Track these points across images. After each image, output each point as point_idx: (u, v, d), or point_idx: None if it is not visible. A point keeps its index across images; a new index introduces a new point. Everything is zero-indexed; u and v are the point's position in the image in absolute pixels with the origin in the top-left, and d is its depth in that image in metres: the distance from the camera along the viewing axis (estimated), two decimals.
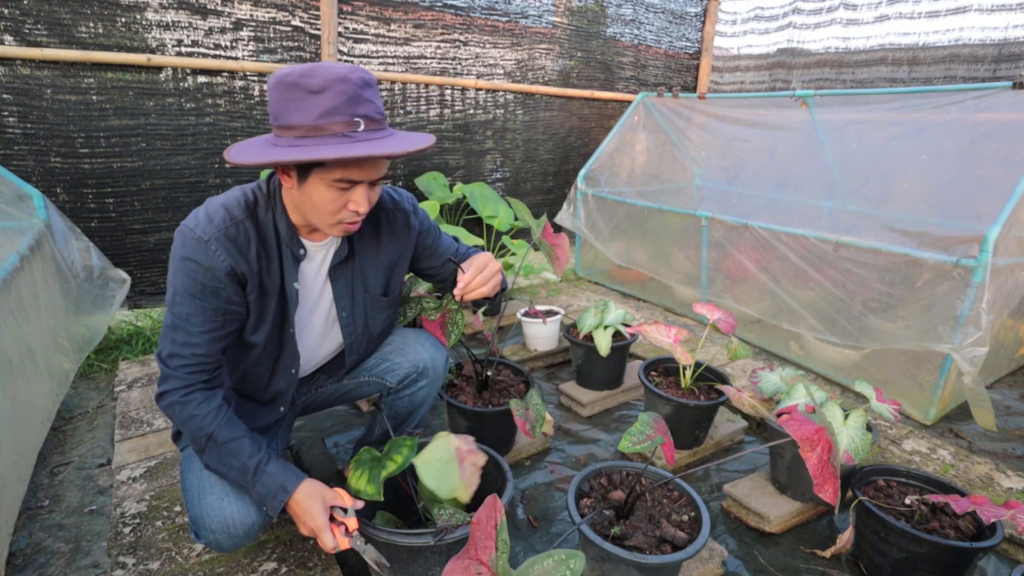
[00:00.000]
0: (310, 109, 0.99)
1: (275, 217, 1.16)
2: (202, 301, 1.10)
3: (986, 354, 1.90)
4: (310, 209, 1.10)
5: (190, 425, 1.12)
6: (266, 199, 1.17)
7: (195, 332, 1.11)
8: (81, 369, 2.36)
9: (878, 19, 4.52)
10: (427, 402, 1.55)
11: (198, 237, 1.07)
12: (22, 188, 2.23)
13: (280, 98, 1.01)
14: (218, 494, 1.17)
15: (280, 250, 1.18)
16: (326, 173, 1.03)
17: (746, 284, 2.80)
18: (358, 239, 1.30)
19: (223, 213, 1.10)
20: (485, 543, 0.93)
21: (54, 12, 2.41)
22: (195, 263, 1.07)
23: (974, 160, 2.31)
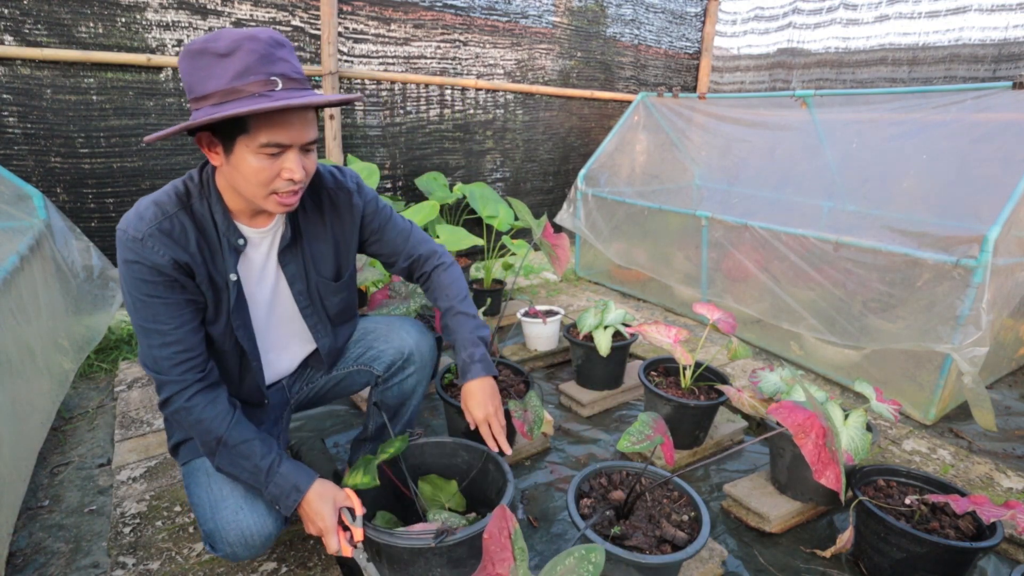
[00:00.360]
0: (221, 73, 0.95)
1: (211, 206, 1.12)
2: (161, 298, 1.07)
3: (986, 354, 1.90)
4: (242, 183, 1.04)
5: (198, 429, 1.11)
6: (199, 189, 1.12)
7: (167, 330, 1.09)
8: (81, 369, 2.36)
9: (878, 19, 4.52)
10: (418, 391, 1.51)
11: (132, 237, 1.04)
12: (22, 188, 2.23)
13: (190, 69, 0.97)
14: (232, 508, 1.15)
15: (220, 240, 1.13)
16: (251, 139, 0.98)
17: (746, 284, 2.80)
18: (303, 220, 1.25)
19: (154, 209, 1.07)
20: (501, 555, 0.92)
21: (54, 12, 2.41)
22: (138, 264, 1.04)
23: (974, 160, 2.31)
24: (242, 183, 1.05)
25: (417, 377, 1.49)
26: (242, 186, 1.05)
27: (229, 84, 0.95)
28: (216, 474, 1.20)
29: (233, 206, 1.13)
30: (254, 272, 1.22)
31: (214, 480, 1.19)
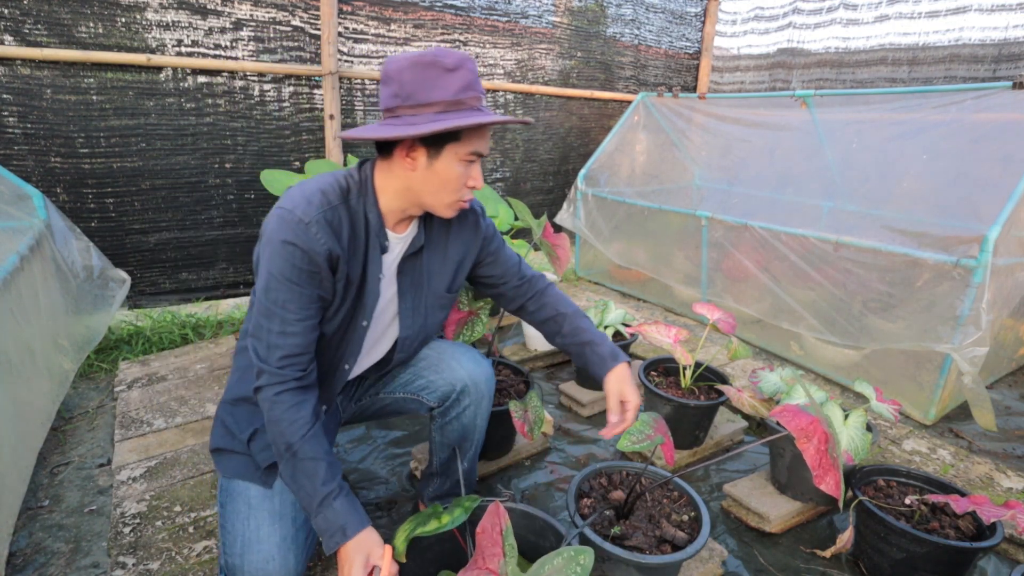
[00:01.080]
0: (448, 85, 1.04)
1: (366, 206, 1.15)
2: (300, 287, 1.07)
3: (986, 354, 1.90)
4: (436, 187, 1.11)
5: (275, 428, 1.08)
6: (358, 187, 1.15)
7: (291, 320, 1.07)
8: (81, 369, 2.36)
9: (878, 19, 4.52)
10: (478, 424, 1.44)
11: (299, 219, 1.04)
12: (22, 188, 2.23)
13: (415, 78, 1.04)
14: (264, 554, 1.11)
15: (367, 240, 1.16)
16: (460, 147, 1.08)
17: (746, 284, 2.80)
18: (432, 232, 1.28)
19: (320, 197, 1.09)
20: (492, 551, 0.92)
21: (54, 12, 2.41)
22: (295, 246, 1.04)
23: (974, 160, 2.31)
24: (436, 187, 1.11)
25: (474, 410, 1.41)
26: (434, 190, 1.12)
27: (455, 96, 1.05)
28: (258, 508, 1.16)
29: (387, 207, 1.16)
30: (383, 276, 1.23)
31: (254, 515, 1.15)
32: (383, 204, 1.16)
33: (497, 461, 1.82)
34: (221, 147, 2.86)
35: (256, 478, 1.19)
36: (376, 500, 1.68)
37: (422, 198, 1.14)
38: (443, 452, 1.47)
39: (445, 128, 1.02)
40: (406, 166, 1.10)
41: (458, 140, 1.07)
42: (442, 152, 1.08)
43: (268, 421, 1.09)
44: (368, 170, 1.17)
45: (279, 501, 1.17)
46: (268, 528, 1.14)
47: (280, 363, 1.08)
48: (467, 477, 1.50)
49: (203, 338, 2.73)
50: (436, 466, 1.50)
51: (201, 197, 2.87)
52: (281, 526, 1.15)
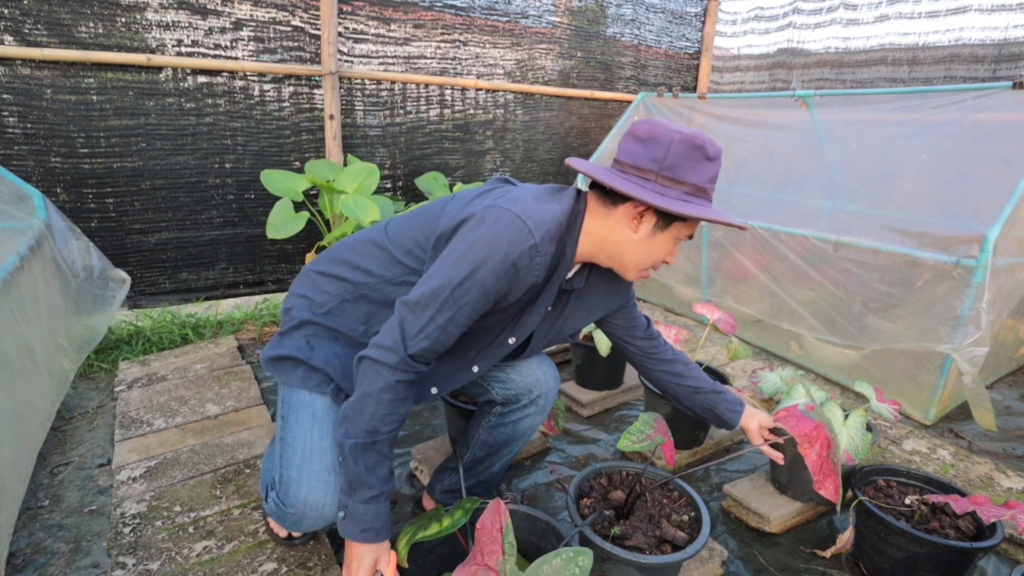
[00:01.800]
0: (703, 172, 1.07)
1: (566, 243, 1.14)
2: (488, 300, 1.05)
3: (986, 354, 1.90)
4: (643, 255, 1.12)
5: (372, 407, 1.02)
6: (573, 224, 1.14)
7: (459, 323, 1.05)
8: (81, 369, 2.36)
9: (878, 19, 4.52)
10: (527, 435, 1.45)
11: (535, 244, 1.02)
12: (22, 188, 2.23)
13: (682, 155, 1.05)
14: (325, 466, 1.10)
15: (555, 270, 1.16)
16: (684, 228, 1.11)
17: (746, 284, 2.80)
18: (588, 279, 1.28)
19: (556, 228, 1.07)
20: (491, 547, 0.92)
21: (54, 12, 2.41)
22: (514, 269, 1.02)
23: (974, 160, 2.31)
24: (641, 254, 1.12)
25: (534, 420, 1.43)
26: (639, 255, 1.13)
27: (704, 184, 1.08)
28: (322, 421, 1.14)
29: (580, 250, 1.16)
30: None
31: (319, 426, 1.14)
32: (581, 243, 1.15)
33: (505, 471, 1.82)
34: (221, 147, 2.86)
35: (327, 390, 1.18)
36: None
37: (623, 258, 1.14)
38: (481, 451, 1.46)
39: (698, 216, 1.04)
40: (628, 225, 1.10)
41: (684, 221, 1.10)
42: (669, 228, 1.10)
43: (368, 395, 1.02)
44: (583, 204, 1.15)
45: None
46: (332, 440, 1.13)
47: (419, 355, 1.04)
48: (492, 479, 1.51)
49: (203, 338, 2.73)
50: (467, 461, 1.48)
51: (201, 197, 2.87)
52: None
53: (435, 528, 1.10)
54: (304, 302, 1.27)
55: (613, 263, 1.17)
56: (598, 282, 1.31)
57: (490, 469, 1.48)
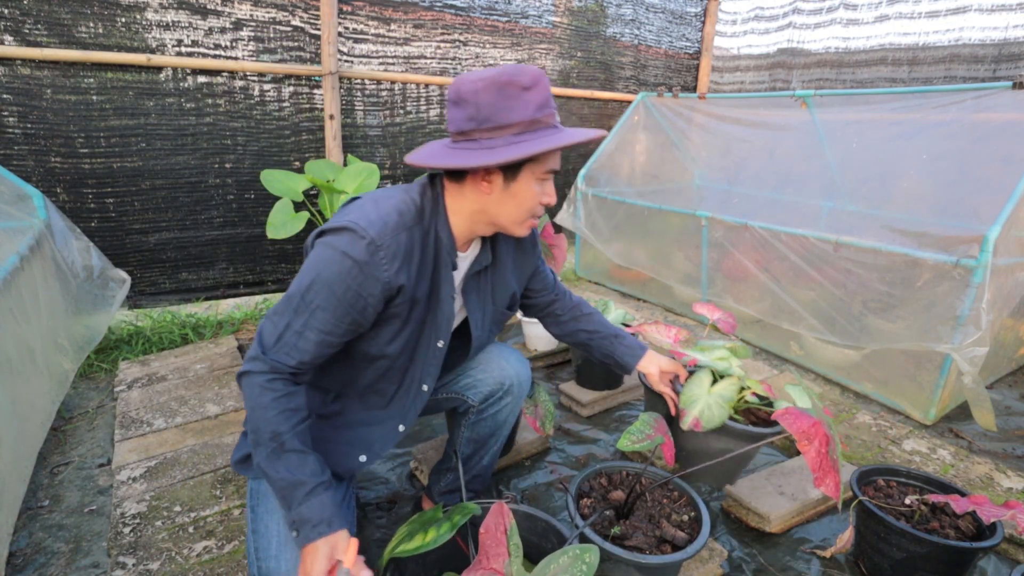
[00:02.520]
0: (526, 105, 1.02)
1: (437, 225, 1.12)
2: (340, 304, 1.02)
3: (986, 354, 1.90)
4: (511, 209, 1.10)
5: (261, 414, 1.01)
6: (432, 205, 1.12)
7: (314, 328, 1.02)
8: (81, 369, 2.36)
9: (878, 19, 4.52)
10: (509, 422, 1.46)
11: (372, 240, 1.00)
12: (22, 188, 2.23)
13: (495, 99, 1.01)
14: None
15: (437, 259, 1.13)
16: (538, 166, 1.07)
17: (746, 284, 2.80)
18: (498, 250, 1.28)
19: (397, 218, 1.05)
20: (496, 550, 0.92)
21: (54, 12, 2.41)
22: (357, 267, 1.00)
23: (974, 160, 2.31)
24: (511, 209, 1.10)
25: (511, 408, 1.43)
26: (509, 211, 1.10)
27: (533, 115, 1.02)
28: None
29: (457, 229, 1.14)
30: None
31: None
32: (453, 224, 1.14)
33: (497, 461, 1.82)
34: (221, 147, 2.86)
35: None
36: (376, 500, 1.68)
37: (497, 219, 1.12)
38: (468, 448, 1.46)
39: (528, 155, 0.99)
40: (481, 190, 1.08)
41: (535, 160, 1.06)
42: (519, 174, 1.07)
43: (254, 407, 1.01)
44: (439, 187, 1.14)
45: None
46: None
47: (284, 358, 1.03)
48: (484, 472, 1.51)
49: (203, 338, 2.73)
50: (455, 462, 1.48)
51: (201, 197, 2.87)
52: None
53: (418, 541, 1.06)
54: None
55: (494, 227, 1.15)
56: (506, 249, 1.30)
57: (480, 463, 1.48)
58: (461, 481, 1.31)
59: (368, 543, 1.51)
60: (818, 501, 1.65)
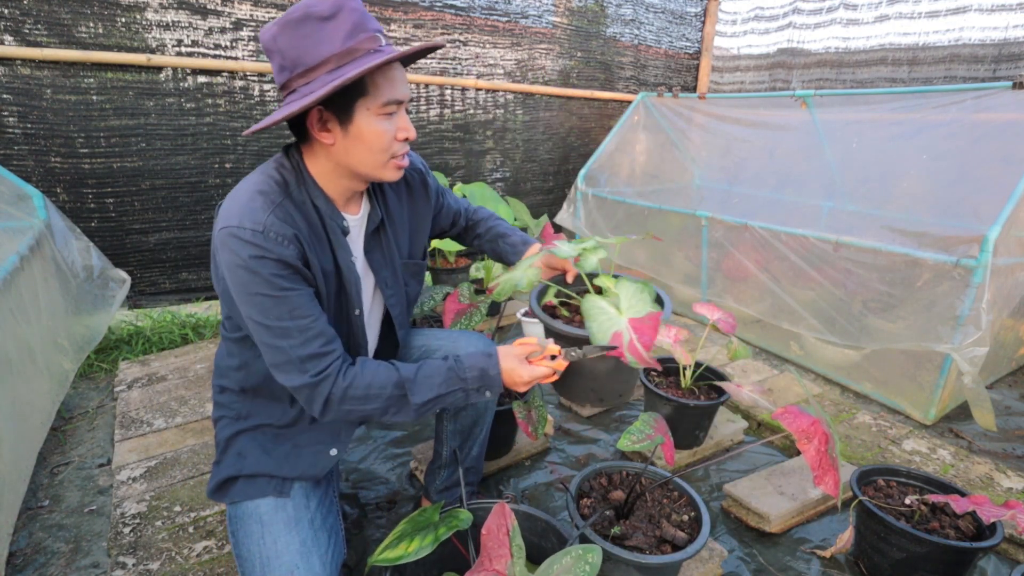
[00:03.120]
0: (333, 35, 0.92)
1: (309, 193, 1.05)
2: (297, 289, 0.98)
3: (986, 354, 1.90)
4: (363, 154, 1.01)
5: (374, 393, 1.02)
6: (295, 176, 1.05)
7: (308, 324, 0.99)
8: (81, 369, 2.36)
9: (878, 19, 4.52)
10: (490, 407, 1.45)
11: (252, 230, 0.94)
12: (22, 188, 2.23)
13: (294, 39, 0.93)
14: (286, 566, 1.04)
15: (325, 227, 1.07)
16: (372, 100, 0.97)
17: (746, 284, 2.80)
18: (385, 203, 1.22)
19: (261, 199, 0.98)
20: (499, 551, 0.92)
21: (54, 12, 2.41)
22: (265, 259, 0.95)
23: (974, 160, 2.31)
24: (363, 154, 1.01)
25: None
26: (363, 157, 1.01)
27: (344, 44, 0.92)
28: (271, 523, 1.10)
29: (332, 191, 1.08)
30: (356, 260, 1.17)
31: (268, 530, 1.09)
32: (326, 188, 1.08)
33: (497, 461, 1.82)
34: (221, 147, 2.86)
35: (268, 490, 1.14)
36: (376, 500, 1.68)
37: (356, 169, 1.04)
38: (455, 440, 1.45)
39: (338, 85, 0.89)
40: (325, 141, 1.00)
41: (366, 94, 0.96)
42: (354, 114, 0.97)
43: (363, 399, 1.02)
44: (297, 155, 1.07)
45: (293, 506, 1.13)
46: (285, 538, 1.08)
47: (326, 361, 1.01)
48: (476, 463, 1.51)
49: (203, 338, 2.73)
50: (446, 457, 1.48)
51: (201, 197, 2.87)
52: (298, 531, 1.10)
53: (401, 550, 1.05)
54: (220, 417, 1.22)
55: (361, 177, 1.07)
56: (397, 199, 1.25)
57: (470, 453, 1.47)
58: (461, 477, 1.31)
59: (368, 543, 1.51)
60: (818, 501, 1.65)
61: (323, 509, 1.19)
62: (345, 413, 1.04)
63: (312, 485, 1.20)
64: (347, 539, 1.49)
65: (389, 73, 0.97)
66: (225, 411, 1.21)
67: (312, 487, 1.19)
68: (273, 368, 1.03)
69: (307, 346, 0.99)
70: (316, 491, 1.20)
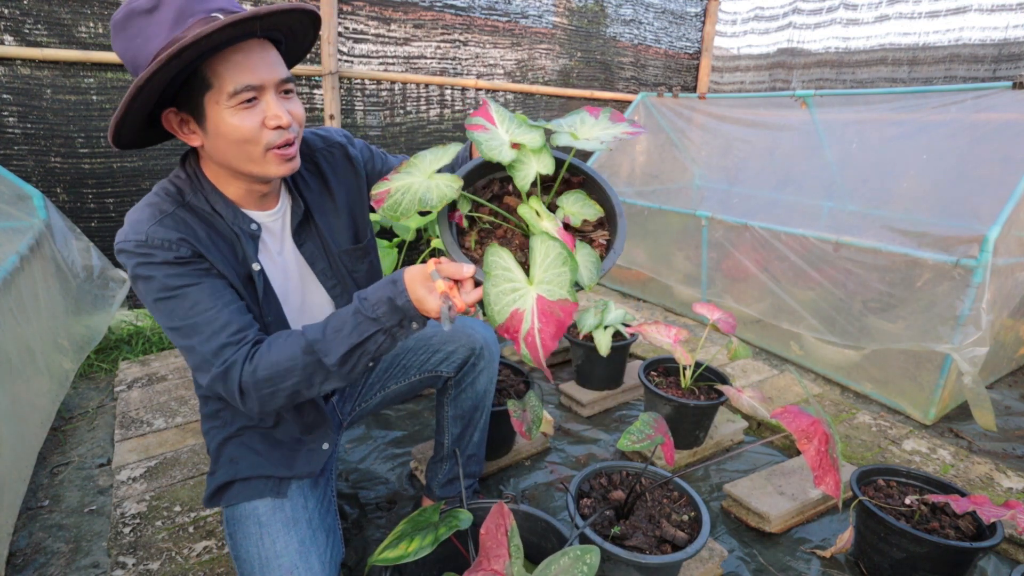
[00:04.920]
0: (157, 30, 0.85)
1: (207, 198, 1.00)
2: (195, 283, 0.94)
3: (986, 354, 1.90)
4: (230, 152, 0.93)
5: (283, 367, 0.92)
6: (189, 183, 1.00)
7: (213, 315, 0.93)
8: (81, 369, 2.36)
9: (878, 19, 4.52)
10: (489, 390, 1.43)
11: (135, 242, 0.91)
12: (22, 188, 2.23)
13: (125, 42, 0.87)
14: (286, 567, 1.03)
15: (234, 232, 1.02)
16: (218, 93, 0.88)
17: (746, 284, 2.80)
18: (307, 193, 1.14)
19: (149, 211, 0.95)
20: (497, 551, 0.92)
21: (54, 12, 2.41)
22: (150, 264, 0.92)
23: (974, 160, 2.31)
24: (231, 152, 0.93)
25: (488, 374, 1.40)
26: (232, 155, 0.94)
27: (170, 36, 0.85)
28: (269, 524, 1.08)
29: (233, 193, 1.02)
30: (274, 260, 1.11)
31: (267, 531, 1.08)
32: (227, 192, 1.02)
33: (497, 461, 1.82)
34: None
35: (266, 491, 1.13)
36: (376, 500, 1.68)
37: (235, 167, 0.96)
38: (456, 427, 1.44)
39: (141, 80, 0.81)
40: (193, 143, 0.95)
41: (210, 87, 0.88)
42: (203, 110, 0.90)
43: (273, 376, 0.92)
44: (194, 162, 1.02)
45: (290, 506, 1.12)
46: (284, 538, 1.07)
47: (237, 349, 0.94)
48: (477, 451, 1.50)
49: None
50: (447, 447, 1.47)
51: None
52: (297, 531, 1.09)
53: (401, 550, 1.05)
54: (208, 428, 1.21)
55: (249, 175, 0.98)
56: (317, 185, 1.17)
57: (471, 440, 1.47)
58: (460, 473, 1.31)
59: (368, 543, 1.51)
60: (818, 501, 1.65)
61: (321, 509, 1.19)
62: (268, 397, 0.94)
63: (310, 485, 1.20)
64: (346, 539, 1.50)
65: (232, 59, 0.87)
66: (212, 420, 1.20)
67: (310, 487, 1.19)
68: (194, 372, 0.98)
69: (215, 338, 0.93)
70: (314, 491, 1.20)
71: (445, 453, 1.48)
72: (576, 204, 0.97)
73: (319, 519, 1.15)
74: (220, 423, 1.19)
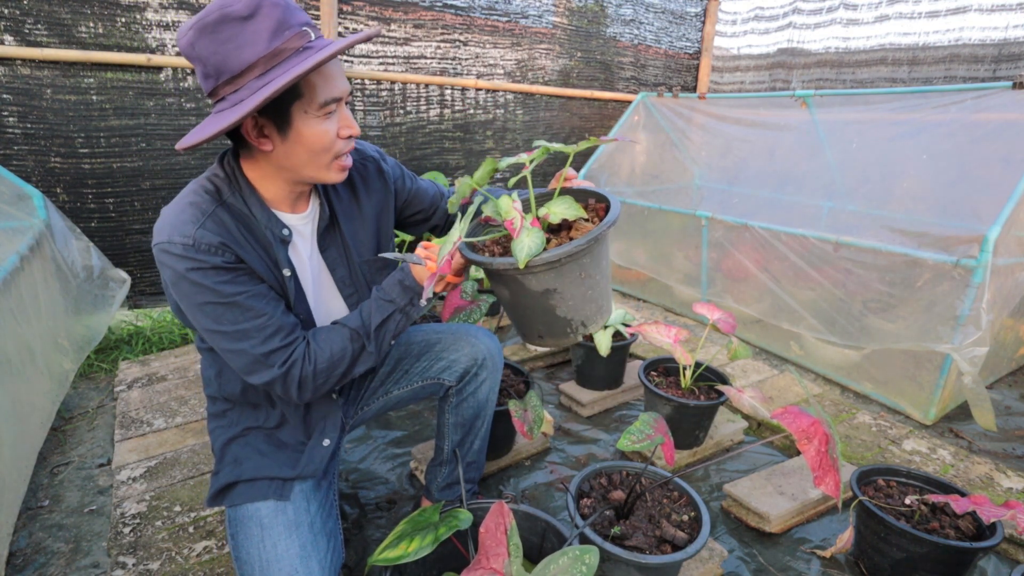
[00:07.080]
0: (256, 37, 0.86)
1: (244, 199, 1.02)
2: (246, 291, 0.97)
3: (986, 354, 1.90)
4: (305, 159, 0.98)
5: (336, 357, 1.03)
6: (228, 183, 1.02)
7: (264, 321, 0.97)
8: (81, 369, 2.36)
9: (878, 19, 4.52)
10: (491, 399, 1.44)
11: (182, 244, 0.93)
12: (22, 188, 2.23)
13: (213, 47, 0.86)
14: (286, 570, 1.04)
15: (264, 236, 1.05)
16: (308, 103, 0.92)
17: (746, 284, 2.80)
18: (336, 200, 1.17)
19: (191, 211, 0.95)
20: (496, 550, 0.92)
21: (54, 12, 2.41)
22: (201, 270, 0.93)
23: (974, 160, 2.31)
24: (305, 158, 0.98)
25: (490, 384, 1.40)
26: (303, 161, 0.98)
27: (269, 45, 0.86)
28: (271, 527, 1.09)
29: (270, 195, 1.05)
30: (303, 261, 1.13)
31: (268, 533, 1.08)
32: (265, 193, 1.05)
33: (497, 461, 1.82)
34: (222, 147, 2.86)
35: (269, 493, 1.13)
36: (376, 500, 1.68)
37: (299, 173, 1.01)
38: (456, 434, 1.44)
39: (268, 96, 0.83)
40: (263, 148, 0.97)
41: (301, 96, 0.91)
42: (291, 119, 0.93)
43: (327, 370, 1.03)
44: (232, 161, 1.04)
45: (293, 509, 1.12)
46: (285, 541, 1.07)
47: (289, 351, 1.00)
48: (478, 458, 1.50)
49: None
50: (447, 452, 1.47)
51: None
52: (298, 535, 1.09)
53: (401, 550, 1.05)
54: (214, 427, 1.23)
55: (305, 180, 1.03)
56: (350, 193, 1.20)
57: (472, 448, 1.46)
58: (460, 475, 1.31)
59: (368, 543, 1.51)
60: (818, 501, 1.65)
61: (323, 513, 1.19)
62: (322, 386, 1.05)
63: (312, 488, 1.20)
64: (346, 540, 1.50)
65: (324, 71, 0.92)
66: (218, 420, 1.22)
67: (312, 490, 1.19)
68: (242, 372, 1.02)
69: (268, 342, 0.98)
70: (316, 494, 1.20)
71: (445, 458, 1.48)
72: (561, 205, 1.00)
73: (321, 523, 1.15)
74: (226, 423, 1.20)
